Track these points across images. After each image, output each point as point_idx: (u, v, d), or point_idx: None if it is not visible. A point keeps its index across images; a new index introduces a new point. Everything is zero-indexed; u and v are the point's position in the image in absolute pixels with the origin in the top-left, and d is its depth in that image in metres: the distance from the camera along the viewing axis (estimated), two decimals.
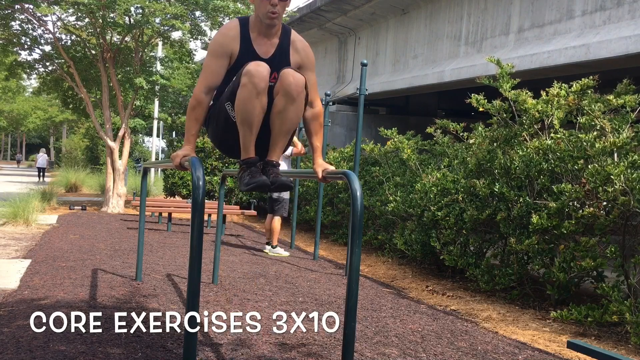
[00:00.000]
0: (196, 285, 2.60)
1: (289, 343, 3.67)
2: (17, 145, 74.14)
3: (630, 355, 4.02)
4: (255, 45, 2.92)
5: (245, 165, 2.91)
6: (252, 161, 2.91)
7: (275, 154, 2.98)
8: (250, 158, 2.91)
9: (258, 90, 2.74)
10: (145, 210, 5.51)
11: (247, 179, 2.86)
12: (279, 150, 3.00)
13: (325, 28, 18.13)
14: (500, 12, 11.96)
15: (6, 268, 5.56)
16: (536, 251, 5.15)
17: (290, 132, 2.96)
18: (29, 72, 13.94)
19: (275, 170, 2.96)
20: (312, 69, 3.07)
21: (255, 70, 2.73)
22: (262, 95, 2.76)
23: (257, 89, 2.74)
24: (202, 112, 2.94)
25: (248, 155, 2.91)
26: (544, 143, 5.34)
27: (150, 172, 23.14)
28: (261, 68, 2.75)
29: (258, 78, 2.72)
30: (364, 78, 6.67)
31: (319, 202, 7.80)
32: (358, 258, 2.70)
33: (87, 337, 3.42)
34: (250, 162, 2.91)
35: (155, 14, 10.88)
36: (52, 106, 45.02)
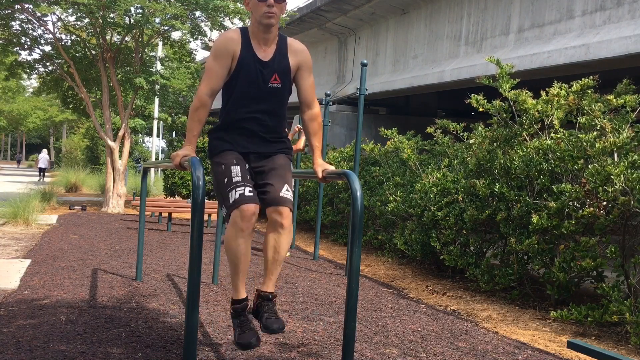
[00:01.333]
0: (196, 285, 2.60)
1: (289, 343, 3.67)
2: (17, 145, 74.13)
3: (630, 355, 4.02)
4: (255, 51, 2.98)
5: (234, 311, 2.94)
6: (242, 307, 2.94)
7: (270, 283, 2.99)
8: (240, 301, 2.94)
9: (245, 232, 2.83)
10: (145, 210, 5.51)
11: (236, 334, 2.88)
12: (274, 279, 3.01)
13: (325, 28, 18.13)
14: (500, 12, 11.96)
15: (6, 268, 5.56)
16: (536, 251, 5.15)
17: (282, 260, 3.00)
18: (29, 72, 13.94)
19: (269, 306, 2.95)
20: (309, 70, 3.13)
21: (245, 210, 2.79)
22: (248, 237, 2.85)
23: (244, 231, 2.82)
24: (204, 113, 2.99)
25: (238, 295, 2.95)
26: (544, 143, 5.34)
27: (150, 172, 23.14)
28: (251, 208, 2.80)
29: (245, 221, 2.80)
30: (364, 78, 6.67)
31: (319, 202, 7.80)
32: (358, 258, 2.70)
33: (87, 337, 3.42)
34: (239, 309, 2.93)
35: (155, 14, 10.89)
36: (52, 106, 45.06)
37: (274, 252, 2.95)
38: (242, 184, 2.85)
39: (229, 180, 2.86)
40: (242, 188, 2.83)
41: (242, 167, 2.92)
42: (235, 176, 2.87)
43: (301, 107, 3.19)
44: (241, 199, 2.81)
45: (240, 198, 2.81)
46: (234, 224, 2.83)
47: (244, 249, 2.88)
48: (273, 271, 2.99)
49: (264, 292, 2.98)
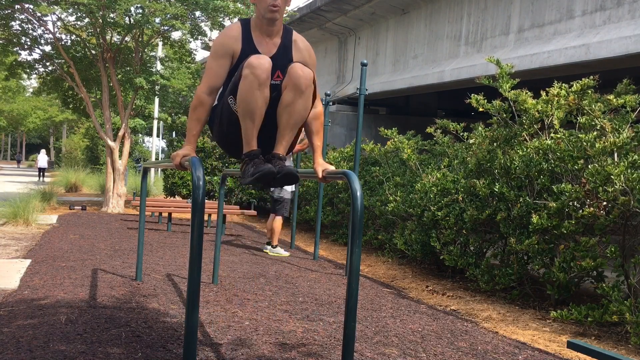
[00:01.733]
0: (196, 285, 2.60)
1: (289, 343, 3.67)
2: (17, 145, 74.14)
3: (630, 355, 4.02)
4: (257, 45, 2.93)
5: (247, 157, 2.87)
6: (255, 153, 2.86)
7: (281, 147, 2.92)
8: (252, 150, 2.86)
9: (260, 81, 2.72)
10: (145, 210, 5.51)
11: (251, 169, 2.80)
12: (286, 144, 2.94)
13: (325, 28, 18.13)
14: (500, 12, 11.97)
15: (6, 268, 5.56)
16: (536, 251, 5.15)
17: (297, 126, 2.90)
18: (29, 72, 13.94)
19: (280, 162, 2.89)
20: (313, 69, 3.09)
21: (257, 62, 2.72)
22: (263, 87, 2.74)
23: (259, 80, 2.71)
24: (204, 112, 2.96)
25: (250, 148, 2.86)
26: (544, 143, 5.34)
27: (150, 172, 23.15)
28: (263, 60, 2.73)
29: (260, 69, 2.70)
30: (364, 78, 6.67)
31: (319, 202, 7.80)
32: (358, 258, 2.70)
33: (87, 337, 3.42)
34: (252, 154, 2.86)
35: (155, 14, 10.89)
36: (52, 106, 45.08)
37: (287, 116, 2.85)
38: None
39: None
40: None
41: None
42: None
43: None
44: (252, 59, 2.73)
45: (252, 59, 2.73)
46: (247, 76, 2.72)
47: (261, 101, 2.76)
48: (285, 136, 2.91)
49: (275, 153, 2.92)
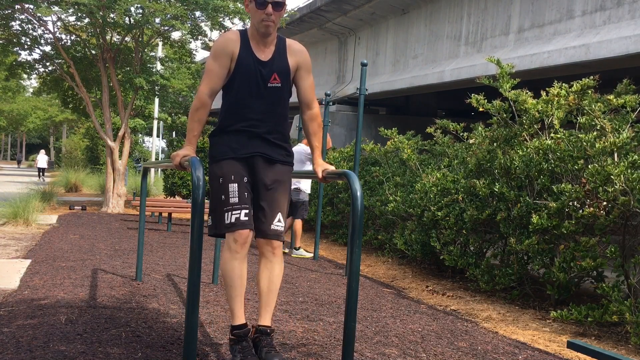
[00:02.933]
0: (196, 285, 2.60)
1: (289, 343, 3.67)
2: (17, 145, 74.15)
3: (630, 355, 4.02)
4: (254, 50, 3.00)
5: (235, 338, 2.94)
6: (243, 333, 2.94)
7: (267, 317, 3.01)
8: (240, 327, 2.94)
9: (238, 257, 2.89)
10: (145, 210, 5.51)
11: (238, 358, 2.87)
12: (270, 311, 3.03)
13: (325, 28, 18.13)
14: (500, 12, 11.97)
15: (6, 268, 5.56)
16: (536, 251, 5.15)
17: (277, 290, 3.04)
18: (29, 72, 13.94)
19: (268, 341, 2.95)
20: (309, 69, 3.14)
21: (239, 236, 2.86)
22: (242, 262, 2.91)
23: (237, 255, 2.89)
24: (204, 113, 3.00)
25: (238, 321, 2.95)
26: (544, 143, 5.33)
27: (150, 172, 23.14)
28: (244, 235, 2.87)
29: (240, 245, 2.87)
30: (364, 78, 6.67)
31: (319, 202, 7.80)
32: (358, 258, 2.70)
33: (87, 337, 3.42)
34: (240, 336, 2.93)
35: (155, 14, 10.88)
36: (52, 106, 45.08)
37: (268, 282, 2.99)
38: (238, 206, 2.88)
39: (226, 200, 2.89)
40: (238, 212, 2.87)
41: (240, 182, 2.91)
42: (232, 196, 2.89)
43: (301, 107, 3.19)
44: (237, 223, 2.86)
45: (235, 222, 2.86)
46: (228, 247, 2.90)
47: (239, 271, 2.91)
48: (269, 302, 3.02)
49: (262, 327, 2.99)
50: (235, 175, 2.93)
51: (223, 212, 2.88)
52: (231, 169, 2.94)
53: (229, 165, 2.95)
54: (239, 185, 2.90)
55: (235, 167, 2.95)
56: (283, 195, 3.03)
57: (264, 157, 3.00)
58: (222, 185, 2.91)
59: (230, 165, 2.95)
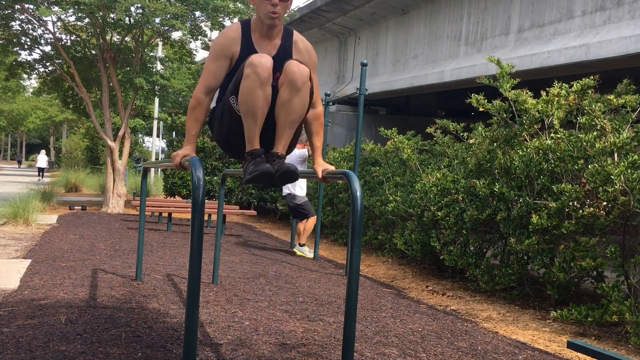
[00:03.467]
0: (196, 285, 2.60)
1: (289, 343, 3.67)
2: (17, 145, 74.18)
3: (630, 355, 4.02)
4: (257, 47, 2.93)
5: (249, 156, 2.88)
6: (257, 152, 2.87)
7: (280, 145, 2.93)
8: (254, 150, 2.87)
9: (261, 80, 2.72)
10: (145, 210, 5.51)
11: (250, 167, 2.82)
12: (285, 142, 2.94)
13: (325, 28, 18.13)
14: (500, 12, 11.97)
15: (6, 268, 5.56)
16: (536, 251, 5.15)
17: (295, 123, 2.90)
18: (29, 72, 13.95)
19: (280, 160, 2.90)
20: (314, 70, 3.07)
21: (258, 61, 2.72)
22: (265, 86, 2.75)
23: (261, 78, 2.72)
24: (202, 112, 2.96)
25: (252, 147, 2.87)
26: (544, 143, 5.33)
27: (150, 172, 23.15)
28: (264, 59, 2.73)
29: (261, 68, 2.71)
30: (364, 78, 6.67)
31: (319, 202, 7.80)
32: (358, 258, 2.70)
33: (87, 337, 3.42)
34: (254, 154, 2.87)
35: (155, 13, 10.88)
36: (52, 106, 45.07)
37: (285, 114, 2.84)
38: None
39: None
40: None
41: None
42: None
43: None
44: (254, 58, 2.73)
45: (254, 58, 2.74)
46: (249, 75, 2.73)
47: (263, 100, 2.77)
48: (284, 134, 2.91)
49: (274, 152, 2.92)
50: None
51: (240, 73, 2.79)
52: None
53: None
54: None
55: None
56: None
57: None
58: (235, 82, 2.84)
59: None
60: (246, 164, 2.89)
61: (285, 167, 2.84)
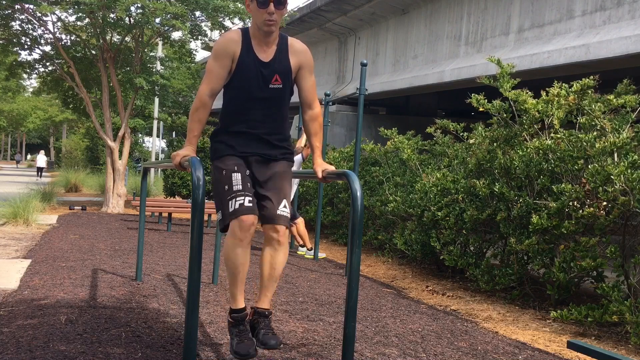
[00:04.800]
0: (196, 285, 2.60)
1: (289, 343, 3.67)
2: (17, 145, 74.19)
3: (630, 355, 4.02)
4: (256, 50, 2.98)
5: (233, 321, 2.95)
6: (241, 317, 2.96)
7: (266, 300, 3.03)
8: (238, 310, 2.96)
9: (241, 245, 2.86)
10: (145, 210, 5.51)
11: (234, 343, 2.89)
12: (270, 296, 3.04)
13: (325, 28, 18.13)
14: (500, 12, 11.96)
15: (6, 268, 5.56)
16: (536, 251, 5.15)
17: (279, 277, 3.03)
18: (29, 72, 13.95)
19: (265, 323, 2.97)
20: (311, 70, 3.12)
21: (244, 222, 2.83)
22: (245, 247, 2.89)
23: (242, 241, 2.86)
24: (205, 114, 3.00)
25: (237, 305, 2.97)
26: (544, 143, 5.33)
27: (150, 172, 23.15)
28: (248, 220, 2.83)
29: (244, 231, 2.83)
30: (364, 78, 6.67)
31: (319, 202, 7.80)
32: (358, 258, 2.70)
33: (87, 337, 3.42)
34: (238, 319, 2.95)
35: (155, 13, 10.88)
36: (52, 106, 45.06)
37: (270, 269, 2.99)
38: (242, 193, 2.86)
39: (230, 188, 2.87)
40: (242, 198, 2.85)
41: (242, 173, 2.92)
42: (235, 184, 2.87)
43: (302, 107, 3.19)
44: (240, 209, 2.83)
45: (239, 208, 2.83)
46: (232, 234, 2.87)
47: (242, 258, 2.91)
48: (269, 287, 3.03)
49: (260, 309, 3.00)
50: (238, 166, 2.94)
51: (227, 201, 2.87)
52: (233, 162, 2.95)
53: (231, 159, 2.96)
54: (241, 175, 2.91)
55: (237, 160, 2.97)
56: (286, 183, 3.02)
57: (262, 156, 3.01)
58: (225, 175, 2.91)
59: (232, 159, 2.97)
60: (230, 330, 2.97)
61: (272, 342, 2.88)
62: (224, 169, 2.93)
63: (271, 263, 2.98)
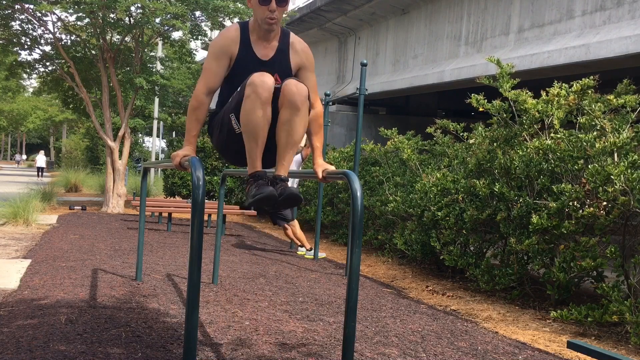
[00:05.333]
0: (196, 285, 2.60)
1: (289, 343, 3.67)
2: (17, 145, 74.19)
3: (630, 355, 4.02)
4: (255, 48, 2.93)
5: (252, 179, 2.87)
6: (260, 174, 2.86)
7: (283, 168, 2.93)
8: (257, 172, 2.86)
9: (262, 100, 2.72)
10: (145, 210, 5.51)
11: (253, 190, 2.79)
12: (287, 164, 2.94)
13: (325, 28, 18.13)
14: (500, 12, 11.97)
15: (6, 268, 5.56)
16: (536, 251, 5.15)
17: (297, 144, 2.91)
18: (29, 72, 13.95)
19: (283, 184, 2.88)
20: (312, 69, 3.09)
21: (259, 80, 2.72)
22: (266, 106, 2.74)
23: (261, 99, 2.72)
24: (202, 113, 2.96)
25: (255, 169, 2.86)
26: (544, 143, 5.34)
27: (150, 172, 23.16)
28: (265, 78, 2.72)
29: (262, 88, 2.71)
30: (364, 78, 6.67)
31: (319, 202, 7.80)
32: (358, 258, 2.70)
33: (87, 337, 3.42)
34: (257, 176, 2.85)
35: (155, 13, 10.88)
36: (52, 106, 45.07)
37: (286, 135, 2.84)
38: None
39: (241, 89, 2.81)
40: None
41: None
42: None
43: None
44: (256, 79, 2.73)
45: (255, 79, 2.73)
46: (249, 95, 2.73)
47: (263, 120, 2.77)
48: (285, 156, 2.90)
49: (277, 175, 2.91)
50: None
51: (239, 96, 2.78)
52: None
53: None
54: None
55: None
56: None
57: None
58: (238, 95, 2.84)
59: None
60: (249, 187, 2.87)
61: (289, 191, 2.82)
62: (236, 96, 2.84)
63: (287, 129, 2.82)
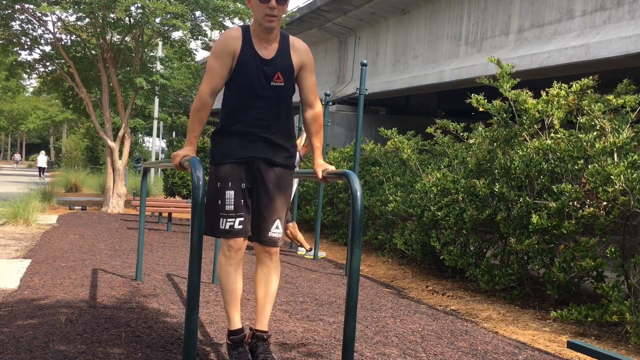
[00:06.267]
0: (196, 285, 2.60)
1: (289, 343, 3.67)
2: (17, 145, 74.21)
3: (630, 355, 4.02)
4: (256, 48, 2.95)
5: (232, 343, 2.96)
6: (239, 338, 2.97)
7: (263, 321, 3.03)
8: (236, 332, 2.97)
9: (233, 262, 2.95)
10: (145, 210, 5.51)
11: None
12: (267, 316, 3.05)
13: (325, 28, 18.13)
14: (500, 12, 11.97)
15: (6, 268, 5.56)
16: (536, 251, 5.15)
17: (274, 295, 3.06)
18: (29, 72, 13.96)
19: (264, 347, 2.96)
20: (312, 69, 3.11)
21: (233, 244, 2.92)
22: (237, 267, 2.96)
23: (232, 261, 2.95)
24: (206, 114, 2.97)
25: (234, 326, 2.98)
26: (544, 143, 5.34)
27: (150, 172, 23.14)
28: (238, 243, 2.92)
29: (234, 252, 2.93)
30: (364, 78, 6.68)
31: (319, 202, 7.80)
32: (358, 258, 2.70)
33: (87, 337, 3.42)
34: (237, 340, 2.96)
35: (155, 13, 10.88)
36: (52, 106, 45.08)
37: (265, 287, 3.02)
38: (233, 214, 2.90)
39: (222, 206, 2.91)
40: (233, 220, 2.90)
41: (236, 191, 2.92)
42: (228, 204, 2.91)
43: (303, 107, 3.17)
44: (231, 230, 2.90)
45: (230, 229, 2.90)
46: (223, 253, 2.96)
47: (234, 277, 2.95)
48: (266, 306, 3.04)
49: (258, 332, 3.01)
50: (233, 182, 2.92)
51: (219, 217, 2.93)
52: (229, 175, 2.93)
53: (227, 170, 2.93)
54: (235, 193, 2.92)
55: (234, 172, 2.93)
56: (282, 201, 3.02)
57: (265, 161, 2.97)
58: (220, 189, 2.93)
59: (229, 170, 2.93)
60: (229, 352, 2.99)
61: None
62: (219, 182, 2.94)
63: (265, 282, 3.03)
